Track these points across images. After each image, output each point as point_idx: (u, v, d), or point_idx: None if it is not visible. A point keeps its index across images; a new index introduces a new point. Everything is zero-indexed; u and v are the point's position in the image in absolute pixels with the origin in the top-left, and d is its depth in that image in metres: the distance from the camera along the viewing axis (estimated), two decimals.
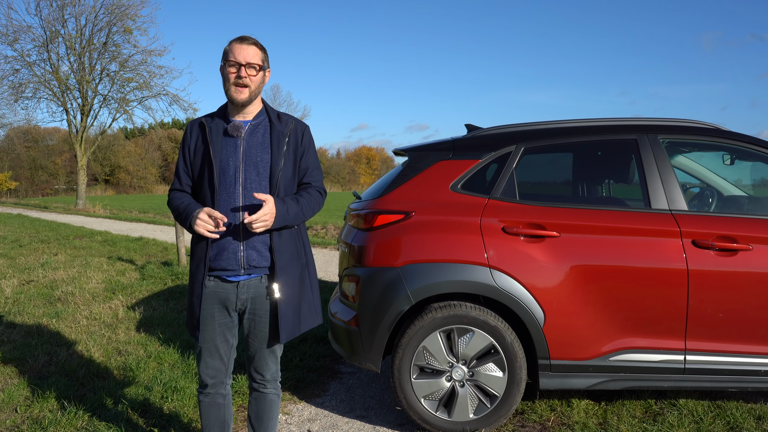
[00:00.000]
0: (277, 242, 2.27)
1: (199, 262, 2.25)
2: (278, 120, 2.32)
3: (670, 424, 3.06)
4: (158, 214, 21.63)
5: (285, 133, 2.29)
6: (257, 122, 2.31)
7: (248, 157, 2.25)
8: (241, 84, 2.21)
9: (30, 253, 9.93)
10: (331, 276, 7.63)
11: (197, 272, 2.26)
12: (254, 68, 2.22)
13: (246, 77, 2.20)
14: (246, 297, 2.29)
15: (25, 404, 3.37)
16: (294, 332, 2.33)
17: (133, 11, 24.54)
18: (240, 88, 2.21)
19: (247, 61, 2.21)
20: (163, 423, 3.12)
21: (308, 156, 2.36)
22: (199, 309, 2.25)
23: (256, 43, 2.26)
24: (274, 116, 2.33)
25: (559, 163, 3.64)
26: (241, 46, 2.22)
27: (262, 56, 2.26)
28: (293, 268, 2.32)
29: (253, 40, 2.26)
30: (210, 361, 2.34)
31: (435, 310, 3.01)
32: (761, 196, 3.44)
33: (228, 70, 2.22)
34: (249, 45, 2.23)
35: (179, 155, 2.36)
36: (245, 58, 2.21)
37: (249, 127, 2.29)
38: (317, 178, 2.39)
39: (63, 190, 53.32)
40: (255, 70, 2.23)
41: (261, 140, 2.28)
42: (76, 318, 5.33)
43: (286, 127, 2.31)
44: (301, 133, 2.35)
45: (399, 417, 3.31)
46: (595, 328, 2.94)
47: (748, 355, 2.92)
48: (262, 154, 2.26)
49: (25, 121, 29.63)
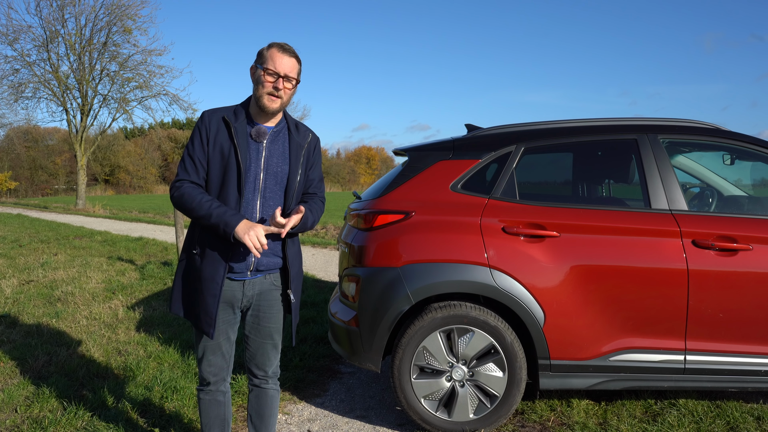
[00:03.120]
0: (291, 250, 2.33)
1: (218, 264, 2.21)
2: (296, 130, 2.34)
3: (670, 424, 3.06)
4: (158, 214, 21.63)
5: (302, 146, 2.32)
6: (278, 129, 2.31)
7: (269, 166, 2.25)
8: (276, 95, 2.19)
9: (30, 253, 9.93)
10: (331, 276, 7.63)
11: (215, 273, 2.21)
12: (291, 81, 2.21)
13: (282, 89, 2.19)
14: (252, 294, 2.31)
15: (25, 404, 3.37)
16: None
17: (133, 11, 24.55)
18: (274, 98, 2.19)
19: (286, 73, 2.18)
20: (163, 423, 3.12)
21: (316, 168, 2.42)
22: (216, 309, 2.23)
23: (296, 55, 2.23)
24: (293, 126, 2.34)
25: (559, 163, 3.64)
26: (283, 57, 2.18)
27: (299, 69, 2.25)
28: (300, 276, 2.43)
29: (293, 51, 2.23)
30: (213, 358, 2.35)
31: (435, 310, 3.01)
32: (761, 196, 3.44)
33: (265, 78, 2.18)
34: (290, 57, 2.20)
35: (194, 144, 2.23)
36: (284, 70, 2.18)
37: (271, 133, 2.29)
38: (322, 189, 2.46)
39: (63, 190, 53.31)
40: (291, 84, 2.22)
41: (281, 150, 2.29)
42: (76, 318, 5.33)
43: (305, 139, 2.34)
44: (314, 146, 2.40)
45: (399, 417, 3.31)
46: (595, 328, 2.94)
47: (748, 355, 2.92)
48: (282, 165, 2.28)
49: (25, 121, 29.67)
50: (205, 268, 2.23)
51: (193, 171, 2.22)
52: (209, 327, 2.25)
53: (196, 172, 2.22)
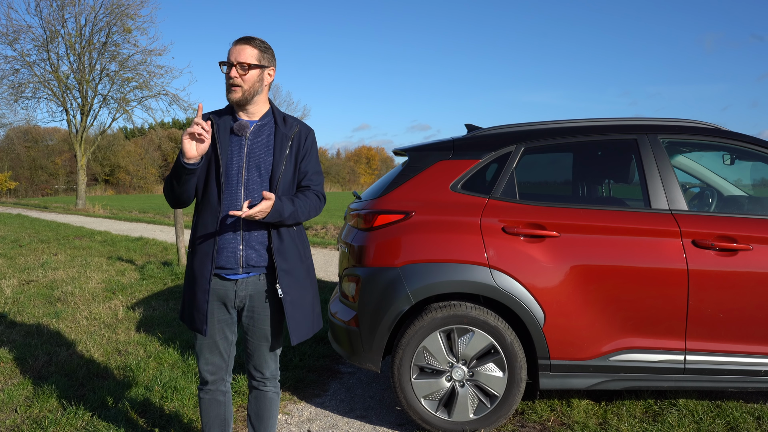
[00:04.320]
0: (277, 244, 2.27)
1: (204, 258, 2.23)
2: (283, 123, 2.32)
3: (670, 424, 3.06)
4: (158, 214, 21.63)
5: (289, 137, 2.30)
6: (263, 123, 2.31)
7: (251, 158, 2.25)
8: (232, 83, 2.20)
9: (30, 253, 9.93)
10: (331, 276, 7.63)
11: (202, 268, 2.24)
12: (244, 67, 2.20)
13: (236, 77, 2.20)
14: (244, 294, 2.29)
15: (25, 404, 3.37)
16: (306, 335, 2.35)
17: (133, 11, 24.54)
18: (232, 87, 2.21)
19: (237, 60, 2.20)
20: (163, 423, 3.12)
21: (309, 160, 2.36)
22: (206, 304, 2.24)
23: (250, 41, 2.24)
24: (280, 119, 2.33)
25: (559, 163, 3.64)
26: (236, 46, 2.22)
27: (257, 55, 2.23)
28: (299, 270, 2.33)
29: (248, 38, 2.24)
30: (210, 357, 2.35)
31: (435, 310, 3.01)
32: (761, 196, 3.44)
33: (223, 71, 2.23)
34: (243, 44, 2.22)
35: None
36: (236, 58, 2.20)
37: (255, 127, 2.29)
38: (316, 182, 2.38)
39: (63, 190, 53.31)
40: (244, 69, 2.21)
41: (265, 142, 2.28)
42: (76, 318, 5.33)
43: (291, 130, 2.31)
44: (305, 136, 2.35)
45: (399, 417, 3.31)
46: (595, 328, 2.94)
47: (748, 355, 2.92)
48: (265, 156, 2.26)
49: (25, 121, 29.66)
50: (195, 266, 2.26)
51: None
52: (201, 324, 2.25)
53: None
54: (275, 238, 2.27)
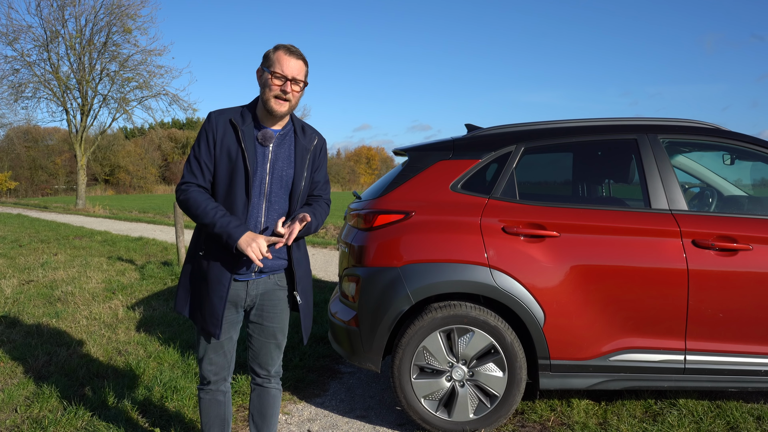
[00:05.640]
0: (297, 254, 2.33)
1: (224, 266, 2.21)
2: (303, 133, 2.32)
3: (670, 424, 3.06)
4: (158, 214, 21.63)
5: (308, 149, 2.31)
6: (285, 132, 2.29)
7: (275, 170, 2.24)
8: (284, 98, 2.18)
9: (30, 253, 9.93)
10: (331, 276, 7.63)
11: (221, 275, 2.20)
12: (299, 84, 2.19)
13: (290, 93, 2.17)
14: (255, 293, 2.31)
15: (25, 404, 3.37)
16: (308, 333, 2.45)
17: (133, 11, 24.56)
18: (282, 101, 2.18)
19: (294, 76, 2.16)
20: (163, 423, 3.12)
21: (322, 170, 2.40)
22: (223, 310, 2.23)
23: (303, 57, 2.21)
24: (299, 128, 2.32)
25: (559, 163, 3.63)
26: (290, 60, 2.16)
27: (306, 71, 2.22)
28: (308, 274, 2.41)
29: (300, 53, 2.20)
30: (215, 357, 2.35)
31: (435, 310, 3.01)
32: (761, 196, 3.44)
33: (273, 81, 2.16)
34: (297, 59, 2.18)
35: (200, 146, 2.20)
36: (292, 73, 2.16)
37: (277, 137, 2.27)
38: (327, 191, 2.44)
39: (63, 190, 53.30)
40: (299, 87, 2.20)
41: (287, 153, 2.27)
42: (76, 318, 5.33)
43: (311, 142, 2.32)
44: (320, 148, 2.37)
45: (399, 417, 3.31)
46: (595, 328, 2.94)
47: (748, 355, 2.92)
48: (287, 169, 2.26)
49: (25, 121, 29.70)
50: (211, 270, 2.22)
51: (199, 173, 2.21)
52: (216, 328, 2.24)
53: (202, 174, 2.21)
54: (295, 249, 2.32)
